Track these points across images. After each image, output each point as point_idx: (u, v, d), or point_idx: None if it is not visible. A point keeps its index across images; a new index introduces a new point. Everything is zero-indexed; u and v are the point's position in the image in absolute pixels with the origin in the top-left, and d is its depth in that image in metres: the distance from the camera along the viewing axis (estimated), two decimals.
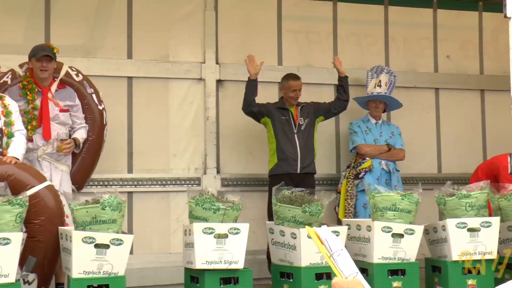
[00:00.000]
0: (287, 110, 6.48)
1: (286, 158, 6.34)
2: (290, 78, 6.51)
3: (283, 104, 6.51)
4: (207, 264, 4.71)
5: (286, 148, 6.36)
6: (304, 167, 6.38)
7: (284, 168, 6.33)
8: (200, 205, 4.84)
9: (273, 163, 6.41)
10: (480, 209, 5.29)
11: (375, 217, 5.17)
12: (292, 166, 6.34)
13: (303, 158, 6.38)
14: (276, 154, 6.39)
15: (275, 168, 6.38)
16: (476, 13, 7.82)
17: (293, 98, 6.48)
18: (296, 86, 6.48)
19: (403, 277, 5.10)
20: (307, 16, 7.26)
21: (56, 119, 5.54)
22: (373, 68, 6.98)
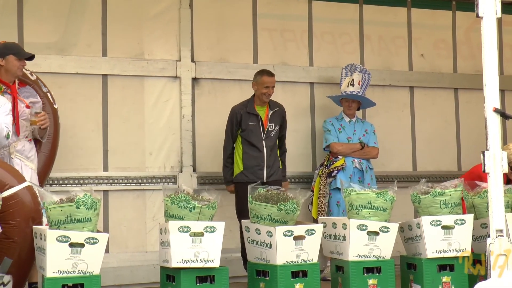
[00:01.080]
0: (256, 116, 6.38)
1: (252, 167, 6.29)
2: (264, 73, 6.42)
3: (252, 107, 6.38)
4: (183, 262, 4.69)
5: (252, 155, 6.30)
6: (271, 175, 6.33)
7: (250, 176, 6.25)
8: (175, 203, 4.82)
9: (238, 170, 6.34)
10: (454, 207, 5.33)
11: (351, 215, 5.19)
12: (258, 174, 6.27)
13: (270, 165, 6.33)
14: (242, 161, 6.32)
15: (240, 176, 6.32)
16: (450, 12, 7.90)
17: (266, 95, 6.39)
18: (269, 83, 6.39)
19: (378, 275, 5.11)
20: (282, 14, 7.28)
21: (22, 115, 5.49)
22: (347, 66, 7.01)
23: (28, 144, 5.51)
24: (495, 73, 4.54)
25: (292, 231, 4.93)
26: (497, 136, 4.50)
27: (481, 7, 4.50)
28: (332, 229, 5.30)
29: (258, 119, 6.37)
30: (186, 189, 5.03)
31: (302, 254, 4.96)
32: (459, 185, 5.40)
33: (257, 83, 6.42)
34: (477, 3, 4.49)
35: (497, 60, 4.53)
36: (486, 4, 4.50)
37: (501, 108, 4.62)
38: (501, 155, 4.48)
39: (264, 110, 6.42)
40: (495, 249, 4.41)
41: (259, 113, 6.41)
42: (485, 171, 4.47)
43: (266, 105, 6.45)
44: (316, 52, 7.36)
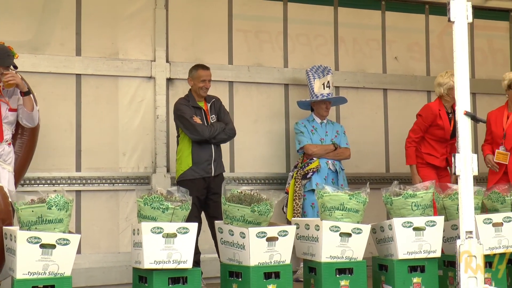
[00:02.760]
0: (199, 109, 6.27)
1: (202, 162, 6.17)
2: (199, 67, 6.32)
3: (195, 102, 6.28)
4: (155, 263, 4.68)
5: (201, 150, 6.18)
6: (217, 168, 6.26)
7: (200, 172, 6.15)
8: (148, 204, 4.81)
9: (186, 166, 6.17)
10: (425, 209, 5.38)
11: (323, 216, 5.22)
12: (207, 169, 6.18)
13: (216, 159, 6.26)
14: (191, 157, 6.17)
15: (189, 172, 6.15)
16: (423, 16, 7.97)
17: (203, 89, 6.27)
18: (205, 76, 6.28)
19: (350, 276, 5.15)
20: (257, 15, 7.29)
21: (5, 118, 5.44)
22: (313, 69, 7.01)
23: (8, 147, 5.50)
24: (466, 77, 4.59)
25: (265, 232, 4.94)
26: (467, 139, 4.55)
27: (453, 12, 4.55)
28: (305, 230, 5.32)
29: (202, 112, 6.28)
30: (159, 190, 5.02)
31: (275, 255, 4.98)
32: (430, 187, 5.45)
33: (193, 78, 6.31)
34: (449, 7, 4.54)
35: (468, 63, 4.59)
36: (458, 9, 4.55)
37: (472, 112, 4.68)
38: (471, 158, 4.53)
39: (203, 104, 6.35)
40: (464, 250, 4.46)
41: (201, 107, 6.32)
42: (456, 173, 4.52)
43: (203, 100, 6.37)
44: (291, 54, 7.38)
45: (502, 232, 5.49)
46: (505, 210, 5.66)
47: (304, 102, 7.01)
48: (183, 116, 6.17)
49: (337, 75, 7.40)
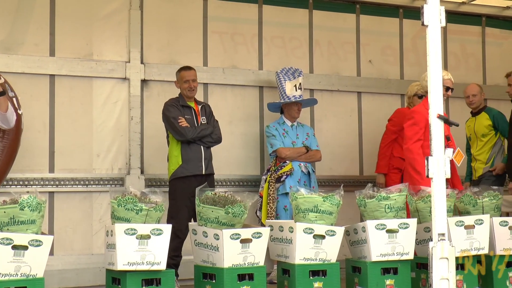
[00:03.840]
0: (189, 108, 6.33)
1: (191, 159, 6.21)
2: (181, 69, 6.39)
3: (184, 101, 6.34)
4: (128, 265, 4.66)
5: (191, 148, 6.22)
6: (207, 167, 6.29)
7: (190, 169, 6.18)
8: (122, 205, 4.80)
9: (177, 165, 6.21)
10: (398, 211, 5.43)
11: (297, 218, 5.24)
12: (197, 167, 6.22)
13: (207, 157, 6.29)
14: (181, 155, 6.22)
15: (180, 170, 6.20)
16: (397, 19, 8.04)
17: (189, 89, 6.31)
18: (188, 76, 6.33)
19: (324, 278, 5.17)
20: (232, 17, 7.29)
21: None
22: (283, 70, 7.03)
23: None
24: (439, 81, 4.64)
25: (239, 234, 4.95)
26: (440, 142, 4.60)
27: (426, 16, 4.60)
28: (279, 232, 5.33)
29: (192, 112, 6.33)
30: (133, 191, 5.01)
31: (249, 257, 4.99)
32: (403, 189, 5.50)
33: (178, 80, 6.39)
34: (423, 11, 4.59)
35: (441, 67, 4.64)
36: (431, 13, 4.60)
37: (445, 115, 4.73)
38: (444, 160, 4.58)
39: (194, 105, 6.40)
40: (437, 252, 4.50)
41: (192, 106, 6.38)
42: (429, 176, 4.57)
43: (194, 101, 6.42)
44: (266, 56, 7.40)
45: (474, 234, 5.55)
46: (477, 213, 5.73)
47: (275, 104, 7.03)
48: (168, 116, 6.23)
49: (312, 78, 7.43)
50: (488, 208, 5.76)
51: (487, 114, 7.06)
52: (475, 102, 7.06)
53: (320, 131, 7.28)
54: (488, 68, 8.42)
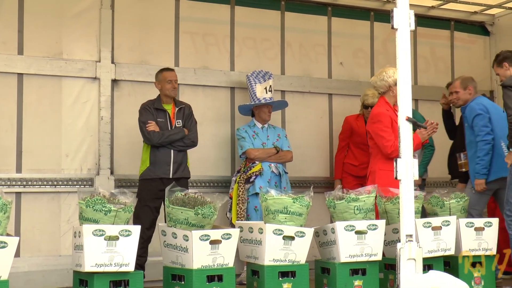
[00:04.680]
0: (164, 111, 6.36)
1: (158, 162, 6.23)
2: (163, 70, 6.43)
3: (160, 104, 6.37)
4: (96, 266, 4.62)
5: (160, 151, 6.24)
6: (176, 171, 6.29)
7: (156, 172, 6.22)
8: (90, 206, 4.76)
9: (144, 166, 6.27)
10: (367, 212, 5.46)
11: (267, 219, 5.24)
12: (164, 170, 6.24)
13: (177, 161, 6.29)
14: (149, 158, 6.25)
15: (146, 172, 6.24)
16: (368, 22, 8.09)
17: (170, 89, 6.36)
18: (170, 77, 6.38)
19: (293, 279, 5.17)
20: (204, 18, 7.28)
21: None
22: (253, 73, 7.04)
23: None
24: (408, 83, 4.69)
25: (208, 235, 4.94)
26: (409, 145, 4.64)
27: (396, 19, 4.64)
28: (248, 233, 5.33)
29: (166, 115, 6.35)
30: (102, 192, 4.97)
31: (218, 258, 4.98)
32: (372, 191, 5.53)
33: (159, 81, 6.40)
34: (392, 15, 4.63)
35: (410, 70, 4.68)
36: (401, 17, 4.64)
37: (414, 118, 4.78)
38: (412, 162, 4.62)
39: (171, 108, 6.41)
40: (404, 253, 4.54)
41: (167, 110, 6.40)
42: (397, 177, 4.61)
43: (172, 103, 6.43)
44: (238, 57, 7.40)
45: (441, 235, 5.61)
46: (444, 214, 5.80)
47: (245, 107, 7.03)
48: (139, 120, 6.28)
49: (283, 79, 7.45)
50: (455, 210, 5.83)
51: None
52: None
53: (291, 133, 7.29)
54: (457, 72, 8.50)
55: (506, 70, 6.19)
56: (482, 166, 6.22)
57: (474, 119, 6.30)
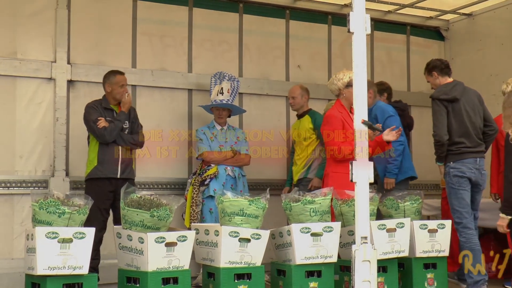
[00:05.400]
0: (112, 111, 6.27)
1: (107, 161, 6.15)
2: (116, 73, 6.31)
3: (107, 104, 6.27)
4: (49, 270, 4.56)
5: (109, 150, 6.15)
6: (124, 171, 6.23)
7: (104, 172, 6.13)
8: (44, 208, 4.70)
9: (92, 166, 6.15)
10: (323, 215, 5.49)
11: (223, 222, 5.24)
12: (113, 169, 6.16)
13: (125, 161, 6.22)
14: (97, 156, 6.15)
15: (94, 172, 6.14)
16: (326, 26, 8.14)
17: (122, 93, 6.28)
18: (124, 81, 6.30)
19: (249, 281, 5.18)
20: (162, 19, 7.25)
21: None
22: (216, 75, 7.06)
23: None
24: (364, 87, 4.72)
25: (164, 237, 4.91)
26: (365, 147, 4.68)
27: (352, 23, 4.68)
28: (204, 235, 5.32)
29: (114, 114, 6.26)
30: (56, 194, 4.91)
31: (174, 260, 4.95)
32: (328, 193, 5.57)
33: (111, 83, 6.27)
34: (349, 19, 4.67)
35: (366, 74, 4.72)
36: (357, 21, 4.68)
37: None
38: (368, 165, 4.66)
39: (117, 108, 6.33)
40: (359, 255, 4.58)
41: (114, 110, 6.32)
42: (353, 180, 4.64)
43: (118, 105, 6.35)
44: (195, 59, 7.38)
45: (395, 237, 5.68)
46: (399, 216, 5.87)
47: (204, 107, 7.03)
48: (89, 120, 6.16)
49: (241, 82, 7.43)
50: (410, 212, 5.90)
51: (310, 117, 7.07)
52: (295, 104, 7.12)
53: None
54: (412, 76, 8.63)
55: (435, 79, 6.31)
56: (395, 166, 6.69)
57: (386, 120, 6.49)
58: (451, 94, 6.08)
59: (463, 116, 6.06)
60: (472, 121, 6.10)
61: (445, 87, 6.14)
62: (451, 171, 6.03)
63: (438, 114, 6.02)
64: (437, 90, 6.15)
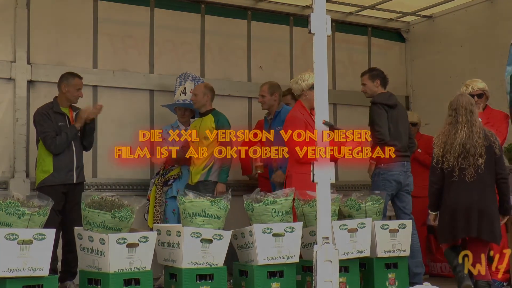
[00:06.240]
0: (63, 115, 6.16)
1: (63, 169, 6.05)
2: (75, 76, 6.22)
3: (58, 108, 6.16)
4: (8, 272, 4.49)
5: (64, 157, 6.06)
6: (79, 176, 6.17)
7: (61, 179, 6.03)
8: (3, 210, 4.63)
9: (47, 173, 6.01)
10: (285, 215, 5.52)
11: (185, 222, 5.23)
12: (69, 176, 6.07)
13: (79, 166, 6.17)
14: (52, 163, 6.02)
15: (50, 179, 6.01)
16: (288, 27, 8.19)
17: (77, 97, 6.22)
18: (81, 85, 6.24)
19: (211, 282, 5.17)
20: (124, 20, 7.22)
21: None
22: (181, 75, 7.06)
23: None
24: (325, 87, 4.78)
25: (125, 238, 4.89)
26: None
27: (313, 24, 4.73)
28: (166, 236, 5.31)
29: (65, 118, 6.17)
30: (15, 195, 4.84)
31: (135, 261, 4.93)
32: (290, 194, 5.59)
33: (68, 84, 6.17)
34: (310, 20, 4.72)
35: (327, 75, 4.76)
36: (318, 22, 4.73)
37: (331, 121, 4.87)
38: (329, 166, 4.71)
39: (68, 111, 6.23)
40: (321, 255, 4.62)
41: (65, 113, 6.21)
42: (314, 180, 4.68)
43: (69, 107, 6.26)
44: (157, 60, 7.36)
45: (357, 237, 5.73)
46: (360, 217, 5.91)
47: (168, 107, 7.01)
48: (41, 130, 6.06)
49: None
50: (371, 212, 5.96)
51: (213, 117, 6.79)
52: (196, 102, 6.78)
53: None
54: None
55: (376, 86, 6.52)
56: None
57: None
58: (390, 101, 6.40)
59: (398, 122, 6.36)
60: (404, 128, 6.45)
61: (385, 95, 6.46)
62: (381, 173, 6.27)
63: (382, 116, 6.26)
64: (378, 96, 6.42)
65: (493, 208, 5.29)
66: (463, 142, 5.23)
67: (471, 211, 5.22)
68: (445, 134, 5.32)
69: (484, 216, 5.22)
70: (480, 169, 5.21)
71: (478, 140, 5.22)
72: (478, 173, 5.21)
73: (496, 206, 5.32)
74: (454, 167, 5.26)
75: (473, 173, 5.22)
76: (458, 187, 5.26)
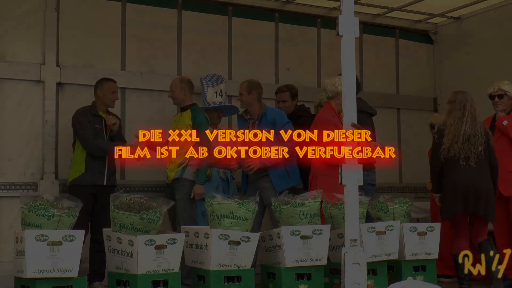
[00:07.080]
0: (100, 118, 6.30)
1: (94, 170, 6.15)
2: (109, 80, 6.38)
3: (96, 111, 6.31)
4: (39, 272, 4.55)
5: (96, 158, 6.16)
6: (110, 179, 6.25)
7: (91, 180, 6.13)
8: (33, 211, 4.68)
9: (79, 173, 6.13)
10: (313, 217, 5.51)
11: (213, 224, 5.24)
12: (99, 178, 6.17)
13: (110, 169, 6.25)
14: (84, 164, 6.13)
15: (81, 179, 6.12)
16: (315, 29, 8.16)
17: (113, 100, 6.38)
18: (116, 88, 6.40)
19: (239, 284, 5.18)
20: (152, 22, 7.25)
21: None
22: (207, 77, 7.06)
23: None
24: (353, 90, 4.77)
25: (153, 240, 4.91)
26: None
27: (341, 26, 4.71)
28: (194, 238, 5.32)
29: (102, 122, 6.30)
30: (45, 196, 4.93)
31: (163, 263, 4.95)
32: (318, 196, 5.58)
33: (103, 88, 6.32)
34: (338, 22, 4.70)
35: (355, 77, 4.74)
36: (346, 24, 4.71)
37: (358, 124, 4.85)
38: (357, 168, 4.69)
39: (105, 115, 6.37)
40: (349, 258, 4.60)
41: (103, 116, 6.35)
42: (342, 183, 4.66)
43: (106, 111, 6.39)
44: (185, 62, 7.37)
45: (385, 240, 5.70)
46: (388, 219, 5.88)
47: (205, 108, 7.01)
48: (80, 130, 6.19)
49: (230, 84, 7.44)
50: (399, 215, 5.92)
51: (191, 113, 6.55)
52: (173, 98, 6.67)
53: None
54: (401, 79, 8.66)
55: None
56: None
57: (286, 125, 6.41)
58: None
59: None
60: None
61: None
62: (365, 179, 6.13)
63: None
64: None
65: (490, 187, 6.00)
66: (468, 133, 5.90)
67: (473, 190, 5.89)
68: (454, 126, 5.95)
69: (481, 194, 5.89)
70: (481, 155, 5.91)
71: (480, 131, 5.94)
72: (479, 159, 5.91)
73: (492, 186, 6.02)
74: (460, 154, 5.88)
75: (475, 159, 5.90)
76: (461, 171, 5.90)
